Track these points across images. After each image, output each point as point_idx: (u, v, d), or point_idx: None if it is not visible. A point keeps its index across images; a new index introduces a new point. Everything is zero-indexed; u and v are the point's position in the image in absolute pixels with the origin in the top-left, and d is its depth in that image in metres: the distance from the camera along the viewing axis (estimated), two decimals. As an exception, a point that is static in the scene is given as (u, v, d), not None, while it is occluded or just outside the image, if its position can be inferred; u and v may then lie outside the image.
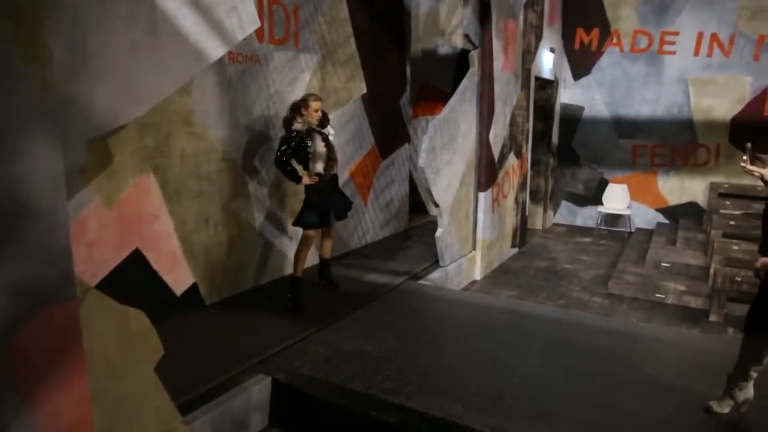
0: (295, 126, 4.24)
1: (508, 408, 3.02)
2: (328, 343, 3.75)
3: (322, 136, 4.32)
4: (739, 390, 2.85)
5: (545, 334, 4.08)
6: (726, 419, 2.91)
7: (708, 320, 5.33)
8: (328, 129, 4.39)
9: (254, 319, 4.07)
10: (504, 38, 6.15)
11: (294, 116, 4.27)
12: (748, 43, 7.66)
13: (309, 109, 4.25)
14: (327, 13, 5.28)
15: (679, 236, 7.36)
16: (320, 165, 4.28)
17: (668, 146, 8.36)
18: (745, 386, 2.84)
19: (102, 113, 2.18)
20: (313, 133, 4.27)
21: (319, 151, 4.27)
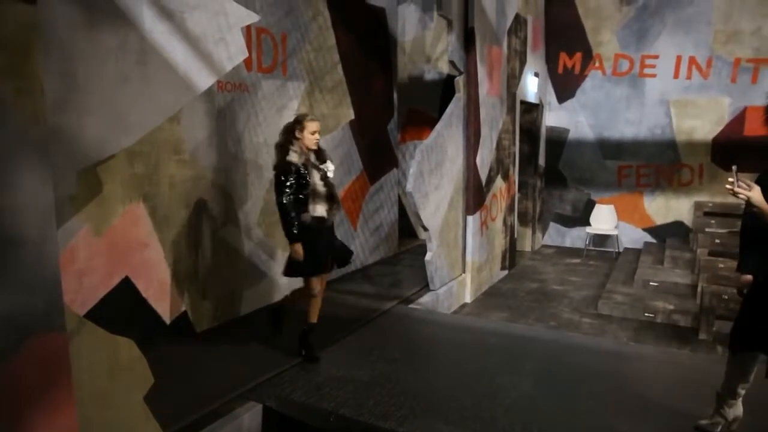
0: (291, 157, 3.63)
1: (502, 429, 3.01)
2: (319, 369, 3.73)
3: (321, 172, 3.73)
4: (729, 408, 2.86)
5: (536, 355, 4.09)
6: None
7: (697, 338, 5.37)
8: (327, 165, 3.78)
9: (244, 347, 4.05)
10: (489, 64, 6.28)
11: (288, 141, 3.67)
12: (725, 65, 7.86)
13: (304, 131, 3.66)
14: (314, 41, 5.37)
15: (667, 255, 7.43)
16: (321, 207, 3.70)
17: (653, 166, 8.49)
18: (734, 404, 2.85)
19: (92, 143, 2.21)
20: (311, 168, 3.68)
21: (319, 191, 3.68)
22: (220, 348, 4.03)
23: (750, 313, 2.69)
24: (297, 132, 3.68)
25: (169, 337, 4.01)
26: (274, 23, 4.83)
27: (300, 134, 3.68)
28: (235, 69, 4.33)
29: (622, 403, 3.33)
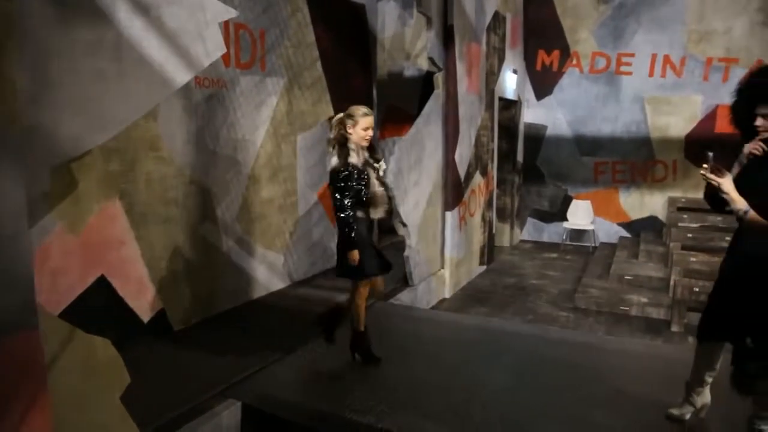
0: (352, 158, 3.33)
1: (479, 423, 3.05)
2: (299, 365, 3.74)
3: (376, 172, 3.46)
4: (697, 396, 2.94)
5: (514, 349, 4.14)
6: (687, 425, 3.00)
7: (670, 330, 5.49)
8: (381, 164, 3.53)
9: (223, 344, 4.03)
10: (467, 61, 6.31)
11: (344, 138, 3.36)
12: (697, 64, 8.02)
13: (357, 126, 3.33)
14: (293, 37, 5.35)
15: (641, 249, 7.57)
16: (380, 210, 3.47)
17: (628, 163, 8.63)
18: (702, 392, 2.93)
19: (66, 140, 2.18)
20: (368, 169, 3.41)
21: (379, 194, 3.43)
22: (199, 346, 4.01)
23: (716, 304, 2.76)
24: (349, 127, 3.36)
25: (147, 336, 3.98)
26: (252, 19, 4.80)
27: (351, 130, 3.35)
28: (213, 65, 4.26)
29: (598, 394, 3.39)
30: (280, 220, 5.37)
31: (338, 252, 3.58)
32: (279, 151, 5.28)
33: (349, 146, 3.35)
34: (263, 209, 5.13)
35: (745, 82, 2.65)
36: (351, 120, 3.35)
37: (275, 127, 5.20)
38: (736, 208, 2.34)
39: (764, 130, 2.49)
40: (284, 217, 5.42)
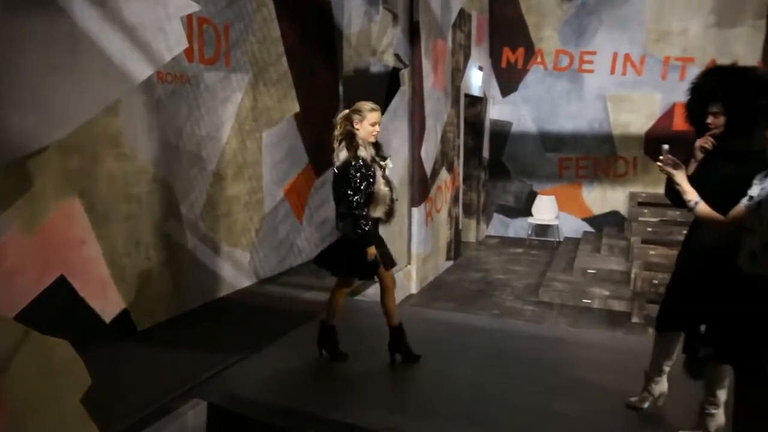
0: (361, 153, 3.25)
1: (445, 416, 3.09)
2: (266, 363, 3.72)
3: (382, 170, 3.37)
4: (655, 384, 3.03)
5: (480, 343, 4.19)
6: (646, 413, 3.09)
7: (630, 322, 5.64)
8: (388, 162, 3.44)
9: (189, 343, 3.98)
10: (433, 57, 6.35)
11: (351, 133, 3.28)
12: (656, 63, 8.23)
13: (364, 122, 3.28)
14: (258, 33, 5.29)
15: (603, 244, 7.75)
16: (381, 209, 3.40)
17: (591, 159, 8.81)
18: (660, 381, 3.03)
19: (17, 136, 2.12)
20: (375, 166, 3.32)
21: (383, 192, 3.35)
22: (163, 345, 3.95)
23: (673, 295, 2.86)
24: (356, 122, 3.29)
25: (109, 337, 3.90)
26: (216, 13, 4.73)
27: (359, 125, 3.29)
28: (176, 59, 4.23)
29: (561, 385, 3.47)
30: (246, 218, 5.32)
31: (340, 251, 3.51)
32: (244, 148, 5.23)
33: (357, 140, 3.28)
34: (229, 206, 5.07)
35: (697, 81, 2.75)
36: (358, 115, 3.29)
37: (240, 123, 5.15)
38: (687, 199, 2.42)
39: (714, 127, 2.60)
40: (250, 214, 5.37)
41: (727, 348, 2.22)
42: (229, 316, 4.61)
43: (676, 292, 2.83)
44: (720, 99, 2.56)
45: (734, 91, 2.52)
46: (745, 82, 2.52)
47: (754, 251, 2.15)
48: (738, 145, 2.50)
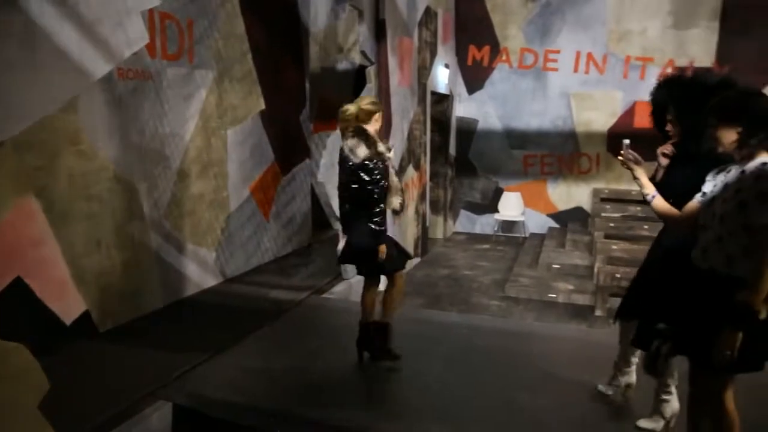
0: (380, 148, 3.32)
1: (413, 413, 3.12)
2: (232, 363, 3.68)
3: (390, 161, 3.44)
4: (621, 376, 3.10)
5: (447, 339, 4.23)
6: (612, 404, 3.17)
7: (594, 315, 5.77)
8: (392, 152, 3.50)
9: (153, 344, 3.91)
10: (399, 55, 6.37)
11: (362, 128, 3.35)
12: (618, 62, 8.43)
13: (373, 118, 3.42)
14: (222, 29, 5.22)
15: (568, 239, 7.90)
16: (397, 200, 3.49)
17: (555, 156, 8.97)
18: (628, 372, 3.09)
19: (-28, 133, 2.05)
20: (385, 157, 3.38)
21: (395, 184, 3.45)
22: (127, 347, 3.87)
23: (635, 285, 2.94)
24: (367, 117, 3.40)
25: (70, 339, 3.80)
26: (178, 8, 4.64)
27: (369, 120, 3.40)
28: (137, 55, 4.15)
29: (528, 378, 3.53)
30: (212, 216, 5.25)
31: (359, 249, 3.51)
32: (209, 146, 5.15)
33: (370, 135, 3.33)
34: (193, 205, 4.99)
35: (653, 92, 2.85)
36: (369, 112, 3.42)
37: (205, 120, 5.07)
38: (645, 193, 2.50)
39: (672, 134, 2.69)
40: (216, 212, 5.30)
41: (683, 340, 2.30)
42: (195, 316, 4.55)
43: (637, 284, 2.92)
44: (671, 108, 2.65)
45: (681, 100, 2.62)
46: (690, 89, 2.61)
47: (706, 246, 2.23)
48: (693, 148, 2.58)
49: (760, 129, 2.09)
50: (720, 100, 2.21)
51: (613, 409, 3.13)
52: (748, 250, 2.08)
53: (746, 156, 2.14)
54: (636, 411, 3.07)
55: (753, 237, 2.06)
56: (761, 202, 2.03)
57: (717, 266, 2.17)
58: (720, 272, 2.16)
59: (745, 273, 2.07)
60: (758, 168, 2.08)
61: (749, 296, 2.03)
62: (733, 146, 2.15)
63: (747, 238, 2.08)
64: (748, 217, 2.07)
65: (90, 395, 3.16)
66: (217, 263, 5.35)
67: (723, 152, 2.21)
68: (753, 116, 2.10)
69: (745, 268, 2.08)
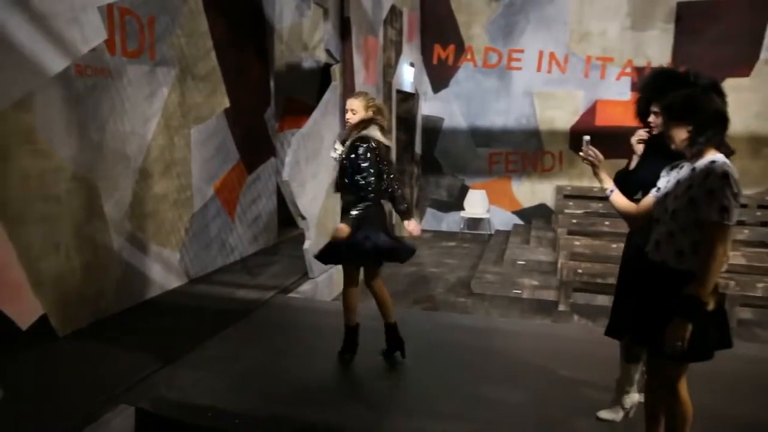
0: (378, 134, 3.43)
1: (380, 409, 3.13)
2: (197, 365, 3.63)
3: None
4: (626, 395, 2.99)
5: (413, 336, 4.24)
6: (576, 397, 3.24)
7: (558, 310, 5.88)
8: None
9: (115, 348, 3.83)
10: (365, 53, 6.37)
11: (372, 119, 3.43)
12: (579, 62, 8.60)
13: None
14: (185, 26, 5.14)
15: (532, 235, 8.03)
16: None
17: (519, 153, 9.11)
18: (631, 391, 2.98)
19: None
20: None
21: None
22: (87, 351, 3.78)
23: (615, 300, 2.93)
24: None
25: (27, 344, 3.70)
26: (139, 4, 4.55)
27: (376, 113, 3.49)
28: (96, 52, 4.06)
29: (493, 373, 3.58)
30: (175, 216, 5.17)
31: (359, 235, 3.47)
32: (172, 145, 5.07)
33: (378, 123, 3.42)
34: (156, 205, 4.91)
35: (642, 81, 2.92)
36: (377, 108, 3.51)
37: (167, 119, 4.99)
38: (604, 188, 2.56)
39: (654, 125, 2.76)
40: (179, 212, 5.22)
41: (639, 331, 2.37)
42: (159, 318, 4.47)
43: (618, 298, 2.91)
44: (658, 100, 2.71)
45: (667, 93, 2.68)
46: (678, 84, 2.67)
47: (659, 240, 2.30)
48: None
49: (708, 128, 2.17)
50: (671, 99, 2.29)
51: (577, 402, 3.21)
52: (697, 245, 2.16)
53: (696, 154, 2.22)
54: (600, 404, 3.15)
55: (702, 232, 2.14)
56: (709, 199, 2.11)
57: (668, 260, 2.25)
58: (671, 266, 2.23)
59: (694, 267, 2.15)
60: (707, 166, 2.16)
61: (697, 289, 2.11)
62: (684, 144, 2.23)
63: (697, 233, 2.16)
64: (697, 213, 2.14)
65: (49, 401, 3.08)
66: (182, 264, 5.27)
67: (676, 149, 2.28)
68: (701, 116, 2.18)
69: (694, 262, 2.16)
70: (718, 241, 2.10)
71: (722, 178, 2.10)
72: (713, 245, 2.10)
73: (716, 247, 2.10)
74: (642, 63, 8.36)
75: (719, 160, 2.16)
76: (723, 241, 2.11)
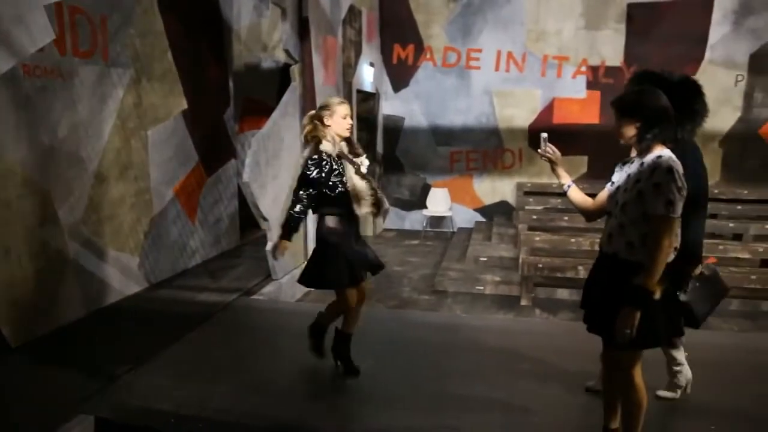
0: (325, 146, 3.17)
1: (347, 408, 3.14)
2: (159, 371, 3.57)
3: (355, 166, 3.25)
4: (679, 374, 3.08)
5: (378, 334, 4.27)
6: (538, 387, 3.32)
7: (520, 305, 5.99)
8: (361, 159, 3.33)
9: (72, 357, 3.73)
10: (324, 53, 6.36)
11: (317, 129, 3.20)
12: (536, 61, 8.77)
13: (335, 116, 3.20)
14: (139, 25, 5.03)
15: (494, 232, 8.15)
16: (366, 206, 3.23)
17: (480, 151, 9.23)
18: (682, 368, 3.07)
19: None
20: (345, 162, 3.22)
21: (360, 186, 3.20)
22: (44, 361, 3.68)
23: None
24: (326, 118, 3.20)
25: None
26: (90, 4, 4.44)
27: (329, 120, 3.20)
28: (46, 52, 3.95)
29: (457, 368, 3.63)
30: (133, 220, 5.07)
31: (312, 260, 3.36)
32: (128, 147, 4.97)
33: (323, 137, 3.19)
34: (113, 209, 4.80)
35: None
36: (327, 110, 3.22)
37: (123, 121, 4.88)
38: (561, 183, 2.63)
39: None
40: (138, 216, 5.12)
41: (594, 320, 2.45)
42: (118, 325, 4.38)
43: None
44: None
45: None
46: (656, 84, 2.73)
47: (611, 232, 2.39)
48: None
49: (655, 125, 2.26)
50: (621, 97, 2.38)
51: (540, 393, 3.28)
52: (646, 237, 2.25)
53: (645, 149, 2.31)
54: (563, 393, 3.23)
55: (649, 225, 2.23)
56: (656, 193, 2.20)
57: (620, 252, 2.33)
58: (623, 257, 2.32)
59: (644, 258, 2.23)
60: (653, 161, 2.25)
61: (645, 279, 2.20)
62: (633, 140, 2.32)
63: (645, 226, 2.25)
64: (645, 206, 2.23)
65: (1, 416, 2.99)
66: (141, 268, 5.17)
67: (625, 144, 2.37)
68: (649, 113, 2.27)
69: (644, 253, 2.24)
70: (665, 234, 2.19)
71: (668, 173, 2.19)
72: (660, 237, 2.19)
73: (663, 240, 2.19)
74: (596, 62, 8.58)
75: (665, 156, 2.25)
76: (669, 233, 2.20)
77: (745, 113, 8.44)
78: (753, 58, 8.29)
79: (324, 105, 3.28)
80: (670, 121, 2.29)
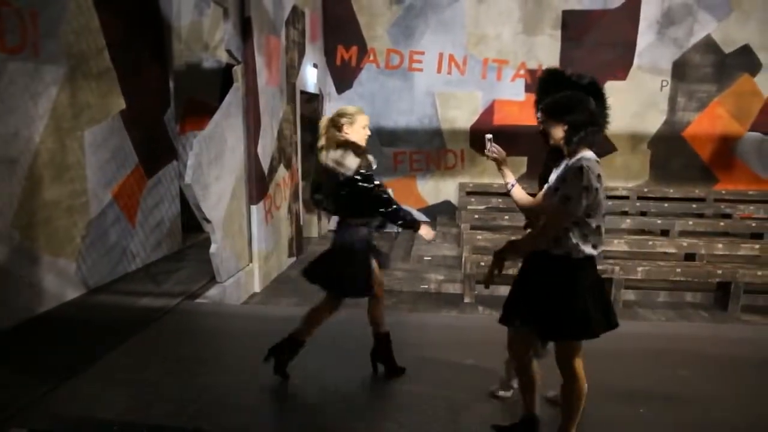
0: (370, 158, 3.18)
1: (293, 410, 3.16)
2: (99, 379, 3.47)
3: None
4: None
5: (324, 335, 4.29)
6: (482, 385, 3.43)
7: (463, 302, 6.14)
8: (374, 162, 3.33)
9: (3, 368, 3.57)
10: (267, 54, 6.32)
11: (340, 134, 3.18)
12: (477, 63, 9.01)
13: (355, 124, 3.20)
14: (73, 22, 4.86)
15: (437, 231, 8.31)
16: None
17: (423, 152, 9.39)
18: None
19: None
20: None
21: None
22: (-28, 372, 3.51)
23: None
24: (345, 126, 3.19)
25: None
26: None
27: (349, 128, 3.20)
28: (-29, 50, 3.77)
29: (403, 365, 3.67)
30: (70, 224, 4.89)
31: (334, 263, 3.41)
32: (63, 148, 4.79)
33: (356, 144, 3.18)
34: (48, 212, 4.62)
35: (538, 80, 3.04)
36: (346, 118, 3.20)
37: (57, 120, 4.71)
38: (505, 182, 2.73)
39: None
40: (74, 219, 4.94)
41: (527, 313, 2.59)
42: (54, 333, 4.22)
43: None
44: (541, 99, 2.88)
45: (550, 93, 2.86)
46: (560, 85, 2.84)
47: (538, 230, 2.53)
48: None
49: (581, 128, 2.40)
50: (550, 100, 2.51)
51: (482, 386, 3.40)
52: (569, 231, 2.39)
53: (572, 152, 2.45)
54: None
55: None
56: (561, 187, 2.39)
57: (549, 247, 2.47)
58: (550, 252, 2.46)
59: (569, 250, 2.39)
60: (575, 161, 2.41)
61: (517, 241, 2.50)
62: (561, 142, 2.46)
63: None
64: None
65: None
66: (78, 273, 5.00)
67: (554, 145, 2.51)
68: (576, 117, 2.41)
69: (569, 246, 2.39)
70: (553, 222, 2.37)
71: (576, 172, 2.35)
72: (548, 225, 2.38)
73: (549, 228, 2.38)
74: (534, 65, 8.89)
75: (585, 157, 2.40)
76: (556, 224, 2.38)
77: (670, 116, 8.96)
78: (675, 66, 8.82)
79: (342, 113, 3.26)
80: (595, 125, 2.44)
